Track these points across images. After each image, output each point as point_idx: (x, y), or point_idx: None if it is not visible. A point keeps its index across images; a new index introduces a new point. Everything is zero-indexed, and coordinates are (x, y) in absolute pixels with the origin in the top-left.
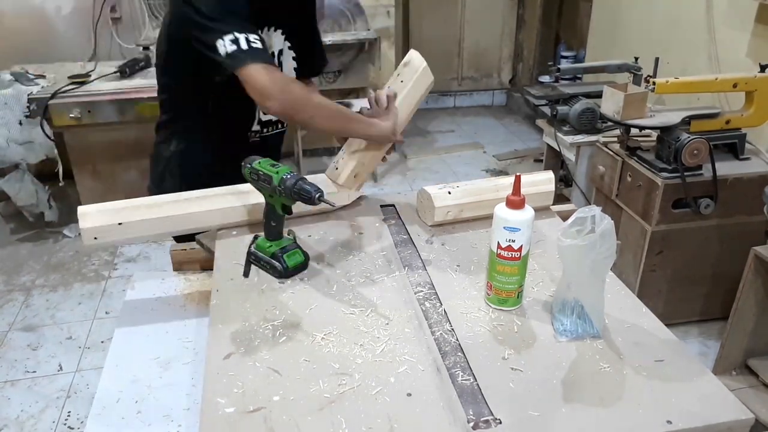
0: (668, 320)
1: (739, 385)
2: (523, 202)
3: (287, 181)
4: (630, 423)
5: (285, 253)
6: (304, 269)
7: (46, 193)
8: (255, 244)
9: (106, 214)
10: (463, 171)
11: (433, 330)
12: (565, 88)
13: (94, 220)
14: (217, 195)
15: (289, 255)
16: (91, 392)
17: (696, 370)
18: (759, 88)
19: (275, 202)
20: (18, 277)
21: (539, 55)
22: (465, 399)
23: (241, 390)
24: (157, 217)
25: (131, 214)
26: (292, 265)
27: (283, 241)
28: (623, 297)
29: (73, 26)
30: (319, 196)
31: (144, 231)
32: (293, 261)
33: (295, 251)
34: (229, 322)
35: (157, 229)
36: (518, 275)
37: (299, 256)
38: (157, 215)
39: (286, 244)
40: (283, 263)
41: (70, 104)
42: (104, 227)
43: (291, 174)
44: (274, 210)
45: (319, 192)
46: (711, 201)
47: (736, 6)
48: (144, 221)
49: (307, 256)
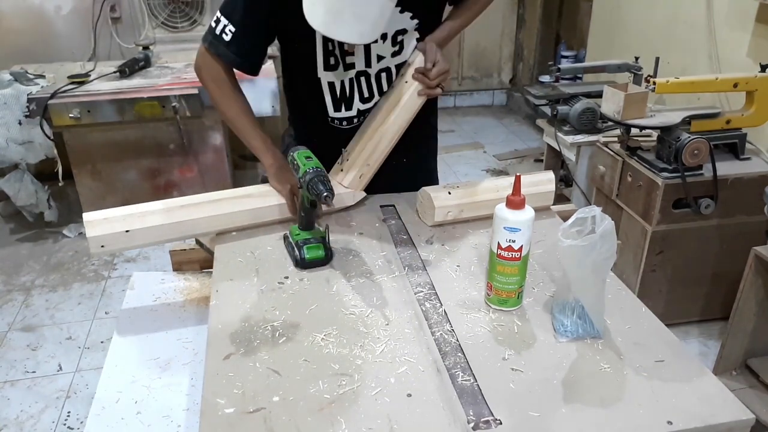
0: (668, 320)
1: (740, 386)
2: (524, 203)
3: (308, 175)
4: (630, 423)
5: (306, 244)
6: (323, 265)
7: (46, 193)
8: (289, 229)
9: (113, 222)
10: (463, 171)
11: (433, 330)
12: (566, 88)
13: (101, 228)
14: (223, 199)
15: (310, 248)
16: (90, 392)
17: (696, 371)
18: (759, 88)
19: (303, 193)
20: (18, 277)
21: (539, 55)
22: (465, 399)
23: (241, 390)
24: (164, 223)
25: (138, 221)
26: (309, 258)
27: (313, 232)
28: (623, 297)
29: (73, 26)
30: (326, 196)
31: (151, 238)
32: (311, 254)
33: (318, 245)
34: (228, 323)
35: (165, 235)
36: (518, 275)
37: (320, 252)
38: (163, 221)
39: (313, 236)
40: (302, 254)
41: (69, 104)
42: (111, 235)
43: (316, 170)
44: (303, 201)
45: (329, 193)
46: (711, 201)
47: (736, 6)
48: (151, 228)
49: (330, 254)
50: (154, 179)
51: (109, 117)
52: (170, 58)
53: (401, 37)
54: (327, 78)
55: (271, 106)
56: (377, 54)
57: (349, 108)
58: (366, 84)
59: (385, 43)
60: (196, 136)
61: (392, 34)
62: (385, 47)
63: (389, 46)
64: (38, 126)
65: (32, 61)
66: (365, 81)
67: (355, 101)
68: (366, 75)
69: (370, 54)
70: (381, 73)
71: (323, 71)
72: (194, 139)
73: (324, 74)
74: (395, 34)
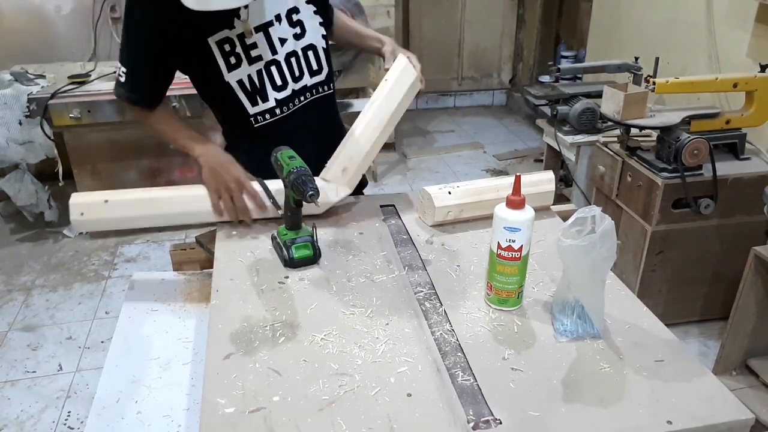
0: (668, 320)
1: (739, 385)
2: (524, 202)
3: (292, 174)
4: (630, 423)
5: (294, 244)
6: (311, 263)
7: (46, 193)
8: (277, 230)
9: (95, 195)
10: (463, 171)
11: (433, 330)
12: (565, 88)
13: (83, 198)
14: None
15: (298, 247)
16: (91, 392)
17: (696, 370)
18: (759, 88)
19: (288, 193)
20: (18, 277)
21: (539, 55)
22: (465, 399)
23: (241, 390)
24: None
25: (118, 196)
26: (297, 257)
27: (300, 231)
28: (623, 297)
29: (73, 26)
30: (311, 195)
31: (130, 211)
32: (300, 254)
33: (306, 245)
34: (229, 323)
35: (143, 209)
36: (518, 275)
37: (308, 251)
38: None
39: (300, 236)
40: (290, 254)
41: (69, 104)
42: (91, 203)
43: (299, 169)
44: (288, 201)
45: (314, 192)
46: (711, 201)
47: (736, 6)
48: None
49: (318, 253)
50: (154, 179)
51: (109, 117)
52: None
53: (296, 16)
54: (234, 78)
55: None
56: (279, 38)
57: (265, 99)
58: (277, 72)
59: (282, 24)
60: None
61: (285, 14)
62: (283, 29)
63: (288, 27)
64: (38, 126)
65: (32, 61)
66: (276, 69)
67: (268, 91)
68: (276, 63)
69: (272, 39)
70: (290, 59)
71: (228, 73)
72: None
73: (230, 75)
74: (288, 12)
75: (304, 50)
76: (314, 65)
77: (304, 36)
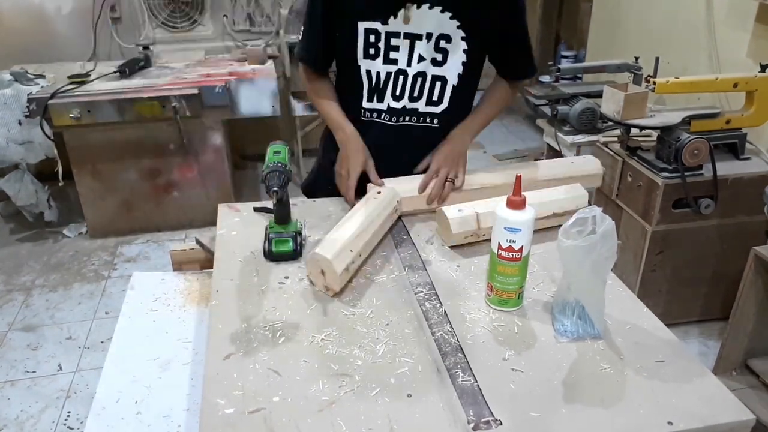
0: (668, 320)
1: (740, 386)
2: (524, 203)
3: (267, 168)
4: (631, 424)
5: (276, 238)
6: (291, 259)
7: (46, 193)
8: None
9: None
10: None
11: (434, 331)
12: (565, 88)
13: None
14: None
15: (278, 241)
16: (90, 392)
17: (696, 371)
18: (759, 88)
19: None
20: (18, 277)
21: (539, 55)
22: (465, 400)
23: (241, 391)
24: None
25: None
26: (275, 251)
27: (288, 226)
28: (624, 297)
29: (73, 26)
30: (274, 191)
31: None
32: (278, 248)
33: (287, 240)
34: (228, 323)
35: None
36: (519, 276)
37: (287, 247)
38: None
39: (286, 231)
40: (270, 247)
41: (69, 104)
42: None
43: (276, 164)
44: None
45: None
46: (711, 201)
47: (736, 6)
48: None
49: (298, 249)
50: (154, 179)
51: (109, 117)
52: (170, 58)
53: (444, 43)
54: (365, 66)
55: (270, 106)
56: (419, 54)
57: (381, 100)
58: (402, 82)
59: (429, 43)
60: (195, 136)
61: (436, 36)
62: (428, 48)
63: (432, 49)
64: (38, 126)
65: (32, 61)
66: (402, 79)
67: (387, 94)
68: (404, 74)
69: (413, 52)
70: (417, 78)
71: (362, 59)
72: (194, 139)
73: (363, 62)
74: (439, 37)
75: (434, 78)
76: (435, 96)
77: (441, 66)
